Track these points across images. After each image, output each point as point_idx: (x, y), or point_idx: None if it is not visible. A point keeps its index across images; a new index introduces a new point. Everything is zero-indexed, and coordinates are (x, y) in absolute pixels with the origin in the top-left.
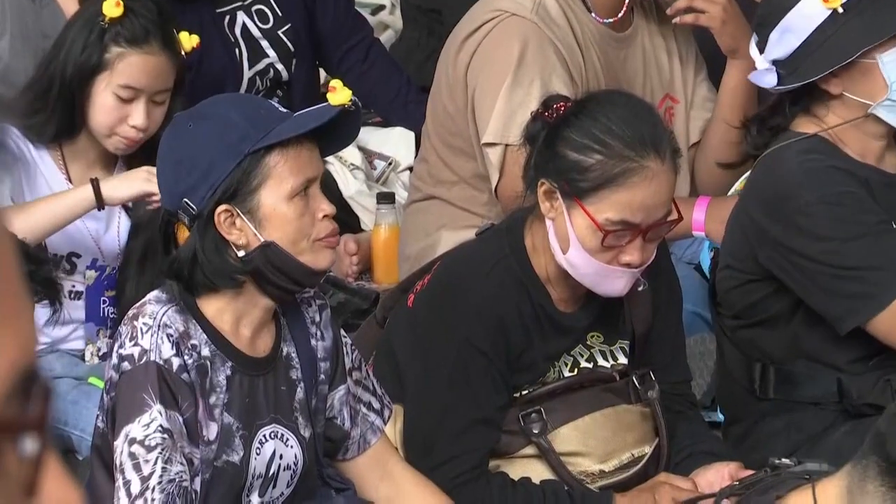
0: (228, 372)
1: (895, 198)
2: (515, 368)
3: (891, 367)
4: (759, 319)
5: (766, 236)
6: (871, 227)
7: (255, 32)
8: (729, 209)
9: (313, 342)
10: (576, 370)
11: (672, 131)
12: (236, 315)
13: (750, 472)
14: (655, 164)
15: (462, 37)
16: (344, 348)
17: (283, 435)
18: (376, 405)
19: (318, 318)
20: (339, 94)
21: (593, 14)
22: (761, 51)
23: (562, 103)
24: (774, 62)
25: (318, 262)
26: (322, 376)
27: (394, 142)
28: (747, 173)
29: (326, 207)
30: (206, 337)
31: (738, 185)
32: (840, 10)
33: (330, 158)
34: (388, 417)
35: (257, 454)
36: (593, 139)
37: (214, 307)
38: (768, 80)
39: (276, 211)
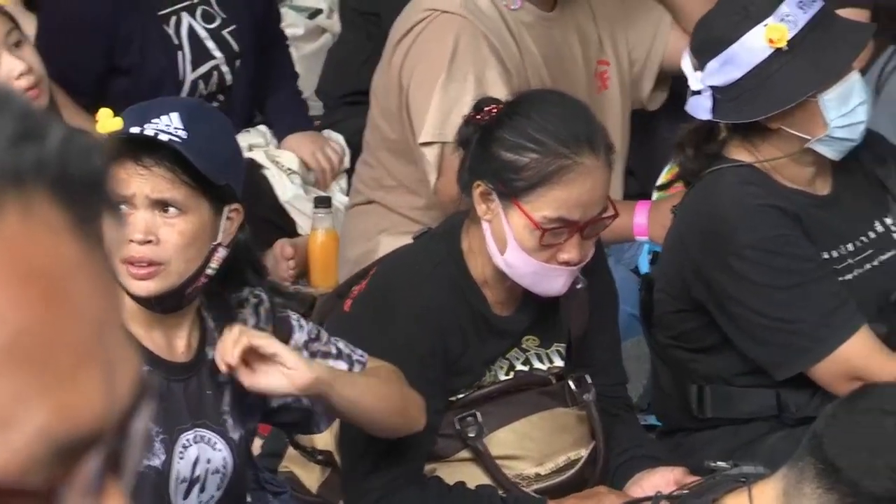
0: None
1: (827, 219)
2: (452, 372)
3: None
4: (696, 347)
5: (700, 274)
6: (806, 275)
7: (202, 33)
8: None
9: None
10: (512, 373)
11: (605, 127)
12: (148, 319)
13: (696, 477)
14: (590, 160)
15: (395, 39)
16: (292, 332)
17: (209, 439)
18: (344, 366)
19: (253, 321)
20: (104, 124)
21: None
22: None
23: (493, 105)
24: (712, 87)
25: (130, 288)
26: None
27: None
28: (670, 166)
29: (132, 231)
30: None
31: (664, 176)
32: (785, 47)
33: (266, 163)
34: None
35: (180, 458)
36: (527, 138)
37: (127, 311)
38: (704, 108)
39: None
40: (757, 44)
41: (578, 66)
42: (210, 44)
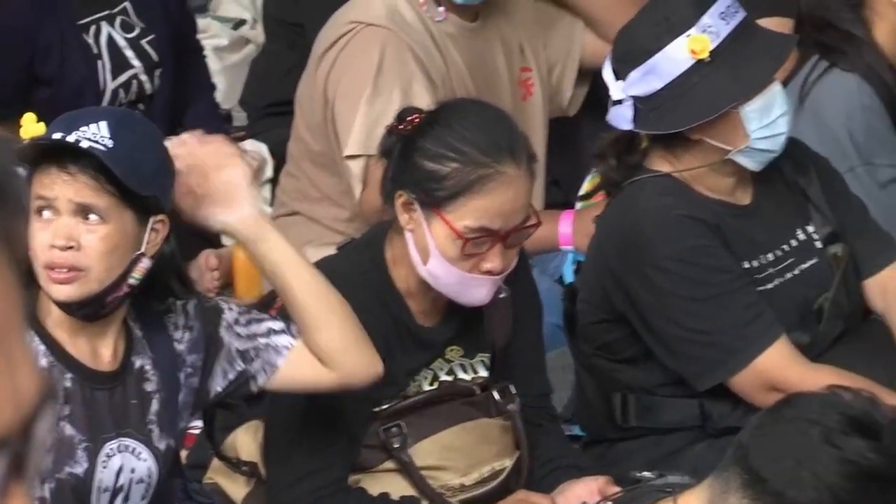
0: (68, 383)
1: (747, 228)
2: (377, 383)
3: None
4: (619, 357)
5: (620, 284)
6: (724, 286)
7: (121, 42)
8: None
9: (178, 347)
10: (436, 384)
11: (527, 136)
12: (73, 327)
13: (620, 487)
14: (512, 168)
15: (320, 51)
16: (219, 321)
17: (133, 448)
18: (277, 327)
19: (182, 321)
20: (27, 129)
21: (441, 9)
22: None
23: (416, 115)
24: (633, 97)
25: (50, 293)
26: (189, 370)
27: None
28: (592, 175)
29: (50, 238)
30: (44, 347)
31: (587, 185)
32: (707, 58)
33: None
34: (298, 333)
35: (104, 467)
36: (448, 147)
37: (53, 317)
38: (625, 118)
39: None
40: (679, 55)
41: (502, 76)
42: (129, 52)
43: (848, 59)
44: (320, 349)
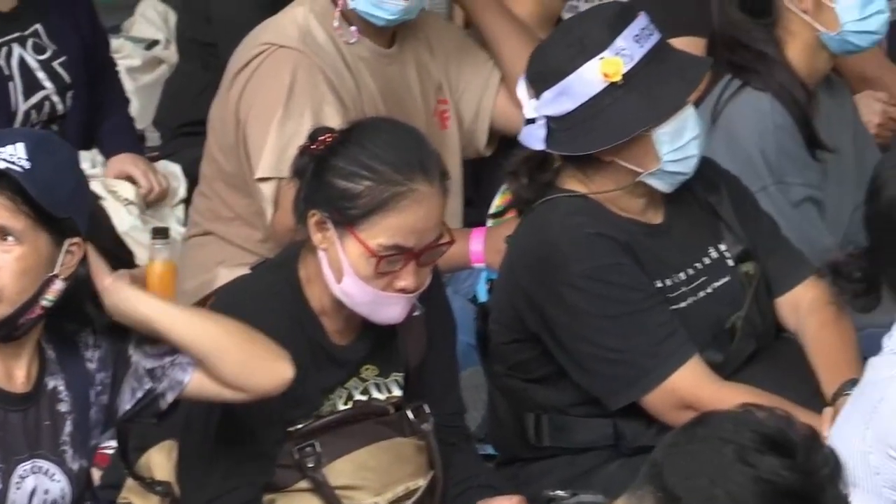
0: None
1: (659, 247)
2: (290, 402)
3: None
4: (532, 377)
5: (533, 303)
6: (636, 304)
7: (33, 64)
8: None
9: (89, 366)
10: (350, 403)
11: (439, 153)
12: None
13: None
14: (424, 186)
15: (233, 72)
16: (127, 339)
17: (47, 469)
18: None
19: (91, 340)
20: None
21: (353, 29)
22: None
23: (328, 135)
24: (546, 117)
25: None
26: (99, 388)
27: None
28: (502, 192)
29: None
30: None
31: (497, 202)
32: (620, 81)
33: (104, 193)
34: None
35: (17, 488)
36: (361, 166)
37: None
38: (538, 137)
39: None
40: (592, 77)
41: (416, 103)
42: (41, 74)
43: (760, 78)
44: (221, 379)
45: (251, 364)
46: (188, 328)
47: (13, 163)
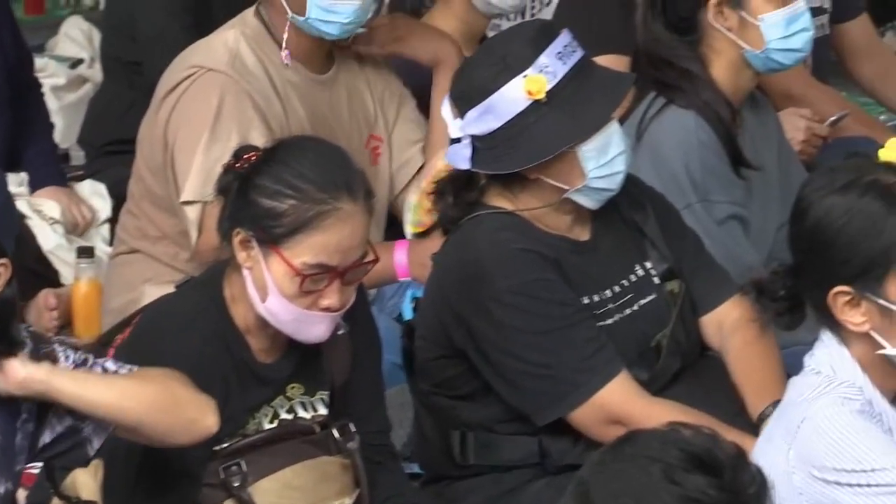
0: None
1: (586, 264)
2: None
3: None
4: (458, 394)
5: (459, 320)
6: (564, 320)
7: None
8: (431, 250)
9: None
10: (276, 422)
11: (363, 171)
12: None
13: None
14: (349, 205)
15: (161, 94)
16: (57, 363)
17: None
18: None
19: None
20: None
21: (285, 53)
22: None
23: (253, 153)
24: (471, 136)
25: None
26: (25, 416)
27: (86, 195)
28: (414, 205)
29: None
30: None
31: (411, 215)
32: (543, 99)
33: (29, 213)
34: None
35: None
36: (285, 184)
37: None
38: (463, 157)
39: None
40: (515, 95)
41: (347, 133)
42: None
43: (685, 96)
44: (145, 440)
45: (177, 427)
46: (111, 406)
47: None
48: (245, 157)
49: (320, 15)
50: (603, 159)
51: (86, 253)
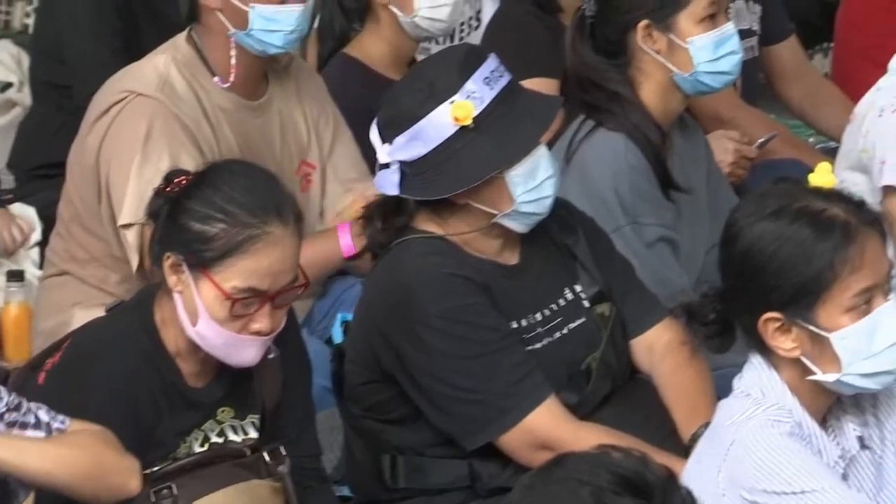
0: None
1: (515, 288)
2: (146, 445)
3: None
4: (388, 418)
5: (389, 344)
6: (492, 345)
7: None
8: None
9: None
10: (206, 445)
11: (294, 195)
12: None
13: None
14: (279, 229)
15: (92, 119)
16: None
17: None
18: (41, 434)
19: None
20: None
21: (216, 79)
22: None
23: (183, 177)
24: (400, 162)
25: None
26: None
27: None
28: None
29: None
30: None
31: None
32: (471, 124)
33: None
34: None
35: None
36: (216, 209)
37: None
38: (392, 182)
39: None
40: (443, 121)
41: (277, 159)
42: None
43: (614, 119)
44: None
45: (102, 493)
46: (44, 474)
47: None
48: (175, 180)
49: (263, 25)
50: (531, 183)
51: (15, 277)
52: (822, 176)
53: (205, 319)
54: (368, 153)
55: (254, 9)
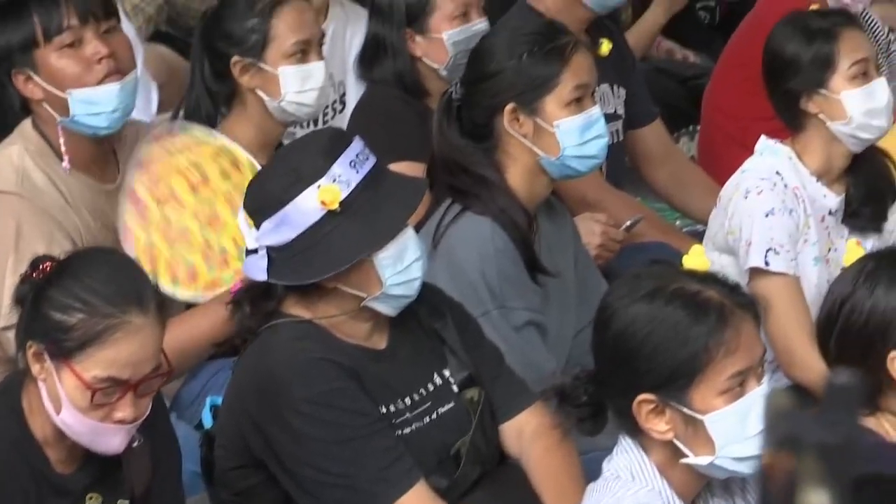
0: None
1: (384, 373)
2: None
3: None
4: (258, 503)
5: (257, 428)
6: (361, 430)
7: None
8: None
9: None
10: None
11: (156, 283)
12: None
13: None
14: (139, 318)
15: None
16: None
17: None
18: None
19: None
20: None
21: (64, 164)
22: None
23: (48, 263)
24: (267, 247)
25: None
26: None
27: None
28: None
29: None
30: None
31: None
32: (338, 208)
33: None
34: None
35: None
36: (75, 298)
37: None
38: (259, 268)
39: None
40: (310, 205)
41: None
42: None
43: (481, 203)
44: None
45: None
46: None
47: None
48: (41, 266)
49: (84, 109)
50: (399, 266)
51: None
52: (695, 258)
53: (67, 408)
54: None
55: (71, 94)
